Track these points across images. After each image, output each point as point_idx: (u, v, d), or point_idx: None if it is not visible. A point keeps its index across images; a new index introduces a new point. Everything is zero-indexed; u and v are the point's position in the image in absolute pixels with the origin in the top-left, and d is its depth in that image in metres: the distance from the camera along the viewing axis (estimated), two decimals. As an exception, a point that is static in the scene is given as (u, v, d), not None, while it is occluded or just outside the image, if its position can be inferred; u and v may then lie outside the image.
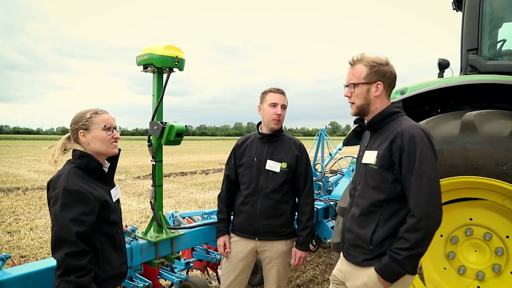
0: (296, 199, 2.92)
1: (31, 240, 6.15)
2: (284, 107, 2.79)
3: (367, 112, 2.04)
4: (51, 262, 2.25)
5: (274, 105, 2.74)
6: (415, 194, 1.79)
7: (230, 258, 2.87)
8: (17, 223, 7.15)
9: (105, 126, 1.96)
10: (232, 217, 2.97)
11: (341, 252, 2.24)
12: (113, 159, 2.09)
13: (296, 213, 2.92)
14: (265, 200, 2.75)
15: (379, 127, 2.02)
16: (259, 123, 2.93)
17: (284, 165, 2.77)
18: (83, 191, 1.79)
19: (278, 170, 2.76)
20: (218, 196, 3.01)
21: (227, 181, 2.96)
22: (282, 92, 2.80)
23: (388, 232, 1.91)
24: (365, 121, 2.10)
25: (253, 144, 2.88)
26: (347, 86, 2.05)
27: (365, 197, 1.98)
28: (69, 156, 1.99)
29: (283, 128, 2.92)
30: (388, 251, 1.86)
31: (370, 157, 1.98)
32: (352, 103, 2.06)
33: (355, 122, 2.24)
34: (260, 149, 2.83)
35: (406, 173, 1.82)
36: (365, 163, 2.02)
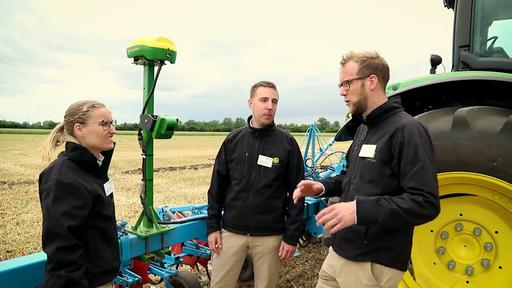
0: (288, 193, 2.91)
1: (18, 235, 6.05)
2: (275, 101, 2.76)
3: (365, 107, 2.02)
4: (39, 257, 2.20)
5: (264, 99, 2.71)
6: (421, 184, 1.75)
7: (221, 254, 2.85)
8: (3, 218, 7.02)
9: (102, 121, 1.91)
10: (222, 212, 2.95)
11: (331, 247, 2.22)
12: (107, 153, 2.05)
13: (287, 209, 2.91)
14: (257, 196, 2.73)
15: (377, 121, 2.01)
16: (250, 117, 2.90)
17: (276, 160, 2.74)
18: (76, 184, 1.75)
19: (270, 165, 2.74)
20: (209, 191, 2.97)
21: (217, 176, 2.92)
22: (272, 86, 2.76)
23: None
24: (363, 115, 2.08)
25: (244, 139, 2.85)
26: (342, 85, 2.05)
27: (360, 191, 1.96)
28: (62, 148, 1.94)
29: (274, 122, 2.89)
30: (380, 196, 1.78)
31: (368, 150, 1.96)
32: (349, 101, 2.04)
33: (352, 117, 2.23)
34: (252, 143, 2.80)
35: (406, 166, 1.79)
36: (363, 157, 2.00)
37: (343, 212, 1.74)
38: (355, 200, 1.78)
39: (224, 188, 2.92)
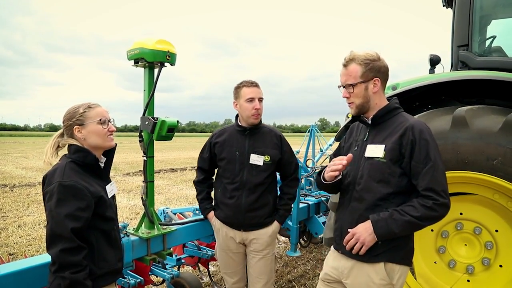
0: (278, 189, 2.95)
1: (19, 237, 6.06)
2: (261, 99, 2.77)
3: (367, 109, 2.04)
4: (41, 259, 2.22)
5: (251, 99, 2.71)
6: (432, 183, 1.83)
7: (223, 251, 2.90)
8: (4, 221, 7.04)
9: (100, 119, 1.93)
10: (215, 210, 2.96)
11: (336, 250, 2.16)
12: (109, 154, 2.07)
13: (280, 194, 2.97)
14: (250, 194, 2.75)
15: (381, 122, 2.04)
16: (237, 115, 2.90)
17: (267, 158, 2.77)
18: (78, 186, 1.77)
19: (261, 163, 2.76)
20: (195, 181, 3.05)
21: (200, 171, 3.02)
22: (256, 85, 2.77)
23: None
24: (363, 116, 2.09)
25: (233, 138, 2.85)
26: (344, 87, 2.04)
27: (370, 191, 1.97)
28: (64, 151, 1.95)
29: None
30: (392, 210, 1.88)
31: (376, 150, 1.97)
32: (351, 103, 2.05)
33: (353, 118, 2.23)
34: (241, 143, 2.81)
35: (417, 165, 1.84)
36: (369, 157, 2.00)
37: (363, 235, 1.92)
38: (370, 220, 1.91)
39: (209, 178, 3.04)
